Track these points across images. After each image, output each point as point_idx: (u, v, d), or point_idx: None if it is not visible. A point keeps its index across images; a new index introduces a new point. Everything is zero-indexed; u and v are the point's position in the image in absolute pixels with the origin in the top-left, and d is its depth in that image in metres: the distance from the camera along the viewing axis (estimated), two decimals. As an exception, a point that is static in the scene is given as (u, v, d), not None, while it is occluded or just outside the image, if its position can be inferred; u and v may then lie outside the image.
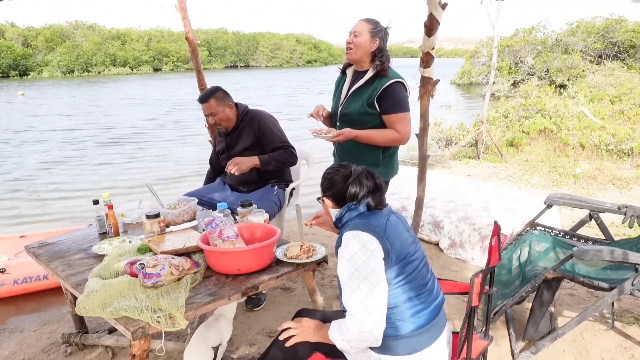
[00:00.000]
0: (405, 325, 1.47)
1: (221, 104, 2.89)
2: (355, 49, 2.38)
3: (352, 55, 2.41)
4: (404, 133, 2.39)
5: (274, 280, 1.86)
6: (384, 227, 1.51)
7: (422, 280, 1.54)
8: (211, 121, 2.93)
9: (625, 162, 6.47)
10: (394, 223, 1.57)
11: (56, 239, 2.34)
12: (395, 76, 2.39)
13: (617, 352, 2.39)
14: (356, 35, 2.36)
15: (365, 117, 2.41)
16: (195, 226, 2.40)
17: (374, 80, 2.39)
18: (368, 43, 2.36)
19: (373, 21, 2.39)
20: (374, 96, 2.37)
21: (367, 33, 2.35)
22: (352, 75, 2.52)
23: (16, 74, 40.71)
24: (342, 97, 2.53)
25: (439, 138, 7.92)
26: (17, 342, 2.64)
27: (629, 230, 3.93)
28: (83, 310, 1.63)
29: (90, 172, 7.56)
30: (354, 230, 1.50)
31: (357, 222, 1.54)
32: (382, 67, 2.36)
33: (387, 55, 2.41)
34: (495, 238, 1.61)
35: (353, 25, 2.41)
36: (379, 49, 2.38)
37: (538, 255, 2.70)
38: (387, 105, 2.37)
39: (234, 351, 2.40)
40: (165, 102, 18.93)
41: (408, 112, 2.41)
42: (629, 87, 12.99)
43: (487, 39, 21.82)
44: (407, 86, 2.45)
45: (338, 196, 1.65)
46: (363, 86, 2.42)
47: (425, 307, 1.51)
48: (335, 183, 1.67)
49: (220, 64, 56.07)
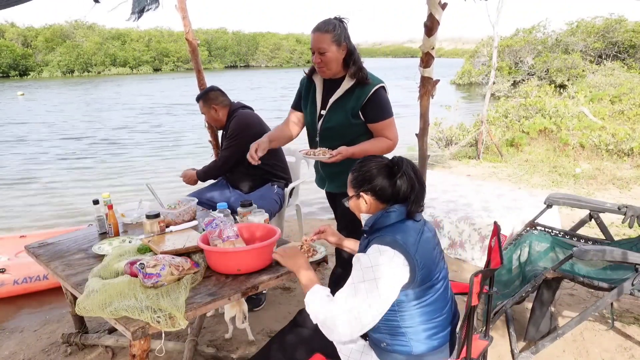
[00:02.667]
0: (418, 346, 1.43)
1: (206, 106, 3.00)
2: (328, 67, 2.16)
3: (326, 74, 2.20)
4: (394, 139, 2.25)
5: (274, 280, 1.86)
6: (417, 245, 1.37)
7: (442, 303, 1.46)
8: (206, 119, 3.13)
9: (625, 162, 6.47)
10: (426, 240, 1.42)
11: (56, 239, 2.34)
12: (376, 81, 2.21)
13: (617, 352, 2.39)
14: (322, 53, 2.11)
15: (350, 128, 2.23)
16: (195, 226, 2.40)
17: (354, 89, 2.19)
18: (337, 54, 2.12)
19: (329, 27, 2.10)
20: (358, 106, 2.18)
21: (331, 45, 2.10)
22: (324, 84, 2.28)
23: (16, 74, 40.73)
24: (318, 109, 2.29)
25: (439, 138, 7.92)
26: (17, 342, 2.64)
27: (629, 230, 3.92)
28: (83, 310, 1.63)
29: (91, 171, 7.56)
30: (384, 245, 1.35)
31: (389, 233, 1.38)
32: (362, 74, 2.16)
33: (358, 56, 2.19)
34: (495, 239, 1.61)
35: (311, 41, 2.14)
36: (349, 51, 2.16)
37: (538, 255, 2.70)
38: (375, 114, 2.20)
39: (234, 351, 2.40)
40: (167, 102, 18.94)
41: (393, 116, 2.27)
42: (629, 87, 12.99)
43: (487, 39, 21.82)
44: (387, 88, 2.28)
45: (381, 193, 1.45)
46: (343, 96, 2.21)
47: (442, 330, 1.46)
48: (375, 176, 1.45)
49: (220, 64, 56.08)
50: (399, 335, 1.43)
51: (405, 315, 1.41)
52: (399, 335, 1.43)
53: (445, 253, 3.65)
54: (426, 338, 1.43)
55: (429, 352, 1.44)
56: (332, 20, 2.14)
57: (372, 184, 1.46)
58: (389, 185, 1.45)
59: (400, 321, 1.42)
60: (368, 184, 1.47)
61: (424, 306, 1.41)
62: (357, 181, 1.50)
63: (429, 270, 1.39)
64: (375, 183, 1.46)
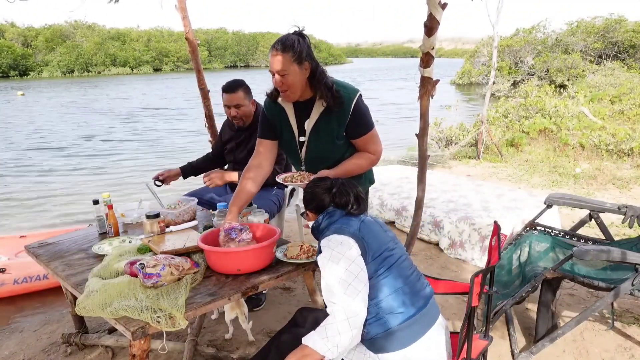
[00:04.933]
0: (393, 318, 1.47)
1: (248, 98, 2.84)
2: (291, 91, 1.97)
3: (291, 97, 2.01)
4: (377, 152, 2.14)
5: (274, 280, 1.86)
6: (358, 227, 1.56)
7: (406, 272, 1.56)
8: (233, 113, 2.83)
9: (625, 162, 6.47)
10: (369, 223, 1.60)
11: (56, 239, 2.34)
12: (352, 93, 2.02)
13: (617, 352, 2.39)
14: (282, 75, 1.91)
15: (335, 149, 2.10)
16: (195, 226, 2.40)
17: (332, 110, 2.00)
18: (299, 75, 1.93)
19: (287, 45, 1.89)
20: (342, 126, 2.04)
21: (292, 65, 1.90)
22: (295, 107, 2.09)
23: (16, 74, 40.77)
24: (297, 136, 2.12)
25: (439, 138, 7.92)
26: (17, 342, 2.64)
27: (629, 230, 3.92)
28: (83, 310, 1.63)
29: (91, 171, 7.56)
30: (329, 236, 1.55)
31: (332, 228, 1.58)
32: (333, 94, 1.96)
33: (322, 72, 1.98)
34: (495, 238, 1.61)
35: (270, 63, 1.93)
36: (312, 72, 1.96)
37: (538, 255, 2.70)
38: (357, 129, 2.06)
39: (234, 351, 2.40)
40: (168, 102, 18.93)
41: (374, 127, 2.12)
42: (629, 87, 12.99)
43: (487, 39, 21.82)
44: (362, 94, 2.10)
45: (322, 209, 1.67)
46: (320, 120, 2.04)
47: (412, 296, 1.52)
48: (317, 195, 1.68)
49: (220, 64, 56.11)
50: (373, 316, 1.48)
51: (374, 290, 1.49)
52: (373, 316, 1.48)
53: (445, 253, 3.67)
54: (399, 307, 1.48)
55: (407, 321, 1.48)
56: (291, 36, 1.93)
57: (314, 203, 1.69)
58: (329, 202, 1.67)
59: (369, 299, 1.48)
60: (311, 203, 1.70)
61: (387, 275, 1.50)
62: (305, 201, 1.73)
63: (378, 243, 1.54)
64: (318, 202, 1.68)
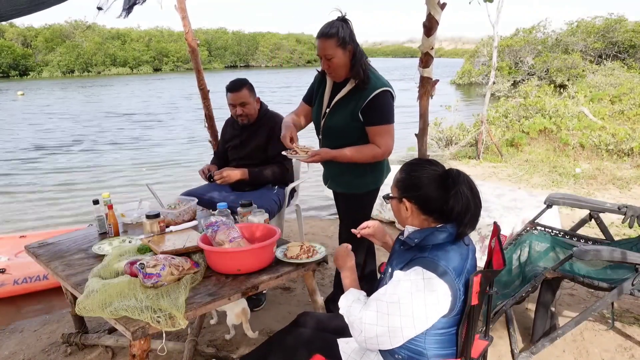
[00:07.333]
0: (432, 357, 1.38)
1: (252, 95, 2.90)
2: (336, 72, 2.18)
3: (336, 78, 2.23)
4: (385, 147, 2.20)
5: (274, 280, 1.86)
6: (461, 274, 1.30)
7: None
8: (239, 111, 2.88)
9: (625, 162, 6.47)
10: (471, 269, 1.35)
11: (56, 239, 2.34)
12: (380, 84, 2.18)
13: (617, 352, 2.39)
14: (329, 59, 2.12)
15: (350, 129, 2.24)
16: (195, 226, 2.40)
17: (356, 91, 2.19)
18: (344, 59, 2.13)
19: (333, 31, 2.08)
20: (358, 108, 2.18)
21: (336, 49, 2.10)
22: (333, 84, 2.30)
23: (16, 74, 40.76)
24: (324, 108, 2.32)
25: (439, 138, 7.91)
26: (17, 342, 2.64)
27: (629, 230, 3.92)
28: (83, 310, 1.63)
29: (90, 171, 7.56)
30: (429, 271, 1.26)
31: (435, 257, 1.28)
32: (362, 79, 2.15)
33: (361, 55, 2.16)
34: (496, 239, 1.61)
35: (317, 47, 2.15)
36: (353, 53, 2.14)
37: (538, 255, 2.70)
38: (372, 117, 2.18)
39: (234, 351, 2.40)
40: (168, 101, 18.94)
41: (392, 124, 2.22)
42: (629, 87, 12.98)
43: (487, 39, 21.82)
44: (394, 93, 2.24)
45: (426, 204, 1.35)
46: (345, 97, 2.22)
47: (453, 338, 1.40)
48: (421, 183, 1.34)
49: (220, 64, 56.07)
50: (418, 355, 1.39)
51: (432, 340, 1.36)
52: (418, 355, 1.39)
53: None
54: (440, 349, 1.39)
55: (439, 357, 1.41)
56: (335, 22, 2.11)
57: (418, 192, 1.34)
58: (437, 198, 1.32)
59: (425, 344, 1.37)
60: (414, 191, 1.35)
61: (451, 334, 1.37)
62: (403, 185, 1.39)
63: (466, 299, 1.32)
64: (422, 192, 1.34)
